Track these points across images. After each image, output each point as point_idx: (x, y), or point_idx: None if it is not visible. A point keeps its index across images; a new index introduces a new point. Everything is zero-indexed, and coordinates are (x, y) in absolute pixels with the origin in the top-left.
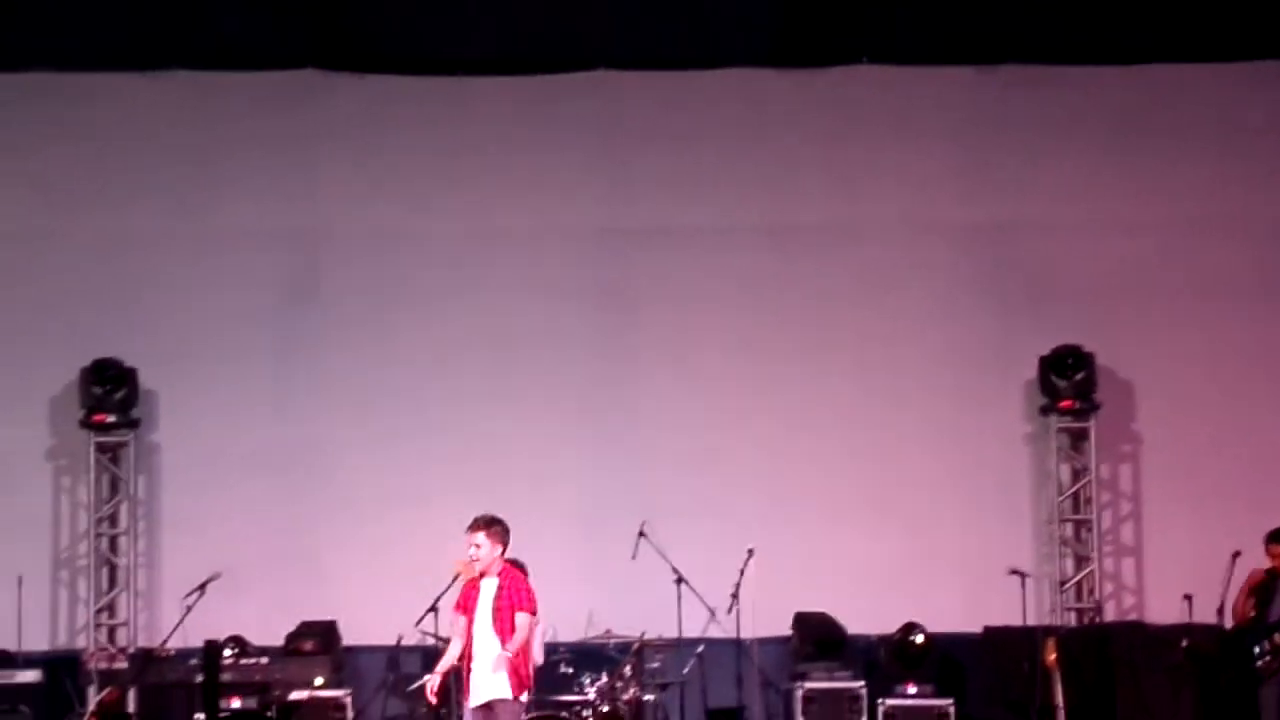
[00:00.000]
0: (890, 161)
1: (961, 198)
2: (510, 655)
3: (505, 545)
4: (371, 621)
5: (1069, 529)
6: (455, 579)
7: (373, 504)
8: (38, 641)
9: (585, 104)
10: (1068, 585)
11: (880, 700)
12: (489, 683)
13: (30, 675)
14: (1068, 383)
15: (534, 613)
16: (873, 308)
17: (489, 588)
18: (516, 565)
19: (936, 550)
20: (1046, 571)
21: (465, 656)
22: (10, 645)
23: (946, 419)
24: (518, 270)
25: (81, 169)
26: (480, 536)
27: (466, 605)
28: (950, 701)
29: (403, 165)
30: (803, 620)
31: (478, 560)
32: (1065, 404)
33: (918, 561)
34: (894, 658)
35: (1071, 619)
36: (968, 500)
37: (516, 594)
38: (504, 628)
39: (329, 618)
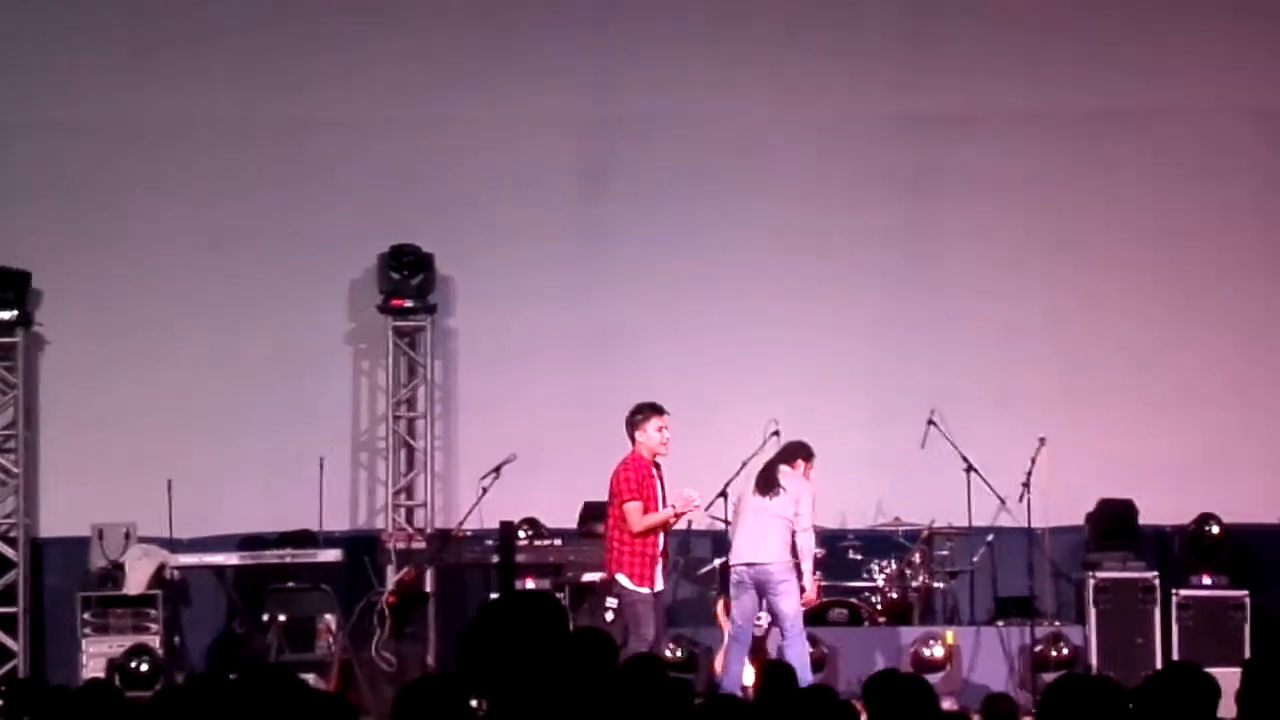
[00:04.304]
0: (1191, 45)
1: (1262, 81)
2: None
3: None
4: None
5: None
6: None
7: (667, 391)
8: (338, 522)
9: None
10: None
11: (1174, 591)
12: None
13: (331, 554)
14: None
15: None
16: (1173, 194)
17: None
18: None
19: (1234, 440)
20: None
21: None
22: (312, 525)
23: (1246, 304)
24: (815, 160)
25: (388, 58)
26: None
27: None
28: (1245, 593)
29: (700, 52)
30: (1096, 509)
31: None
32: None
33: (1214, 451)
34: (1189, 549)
35: None
36: (1267, 388)
37: None
38: None
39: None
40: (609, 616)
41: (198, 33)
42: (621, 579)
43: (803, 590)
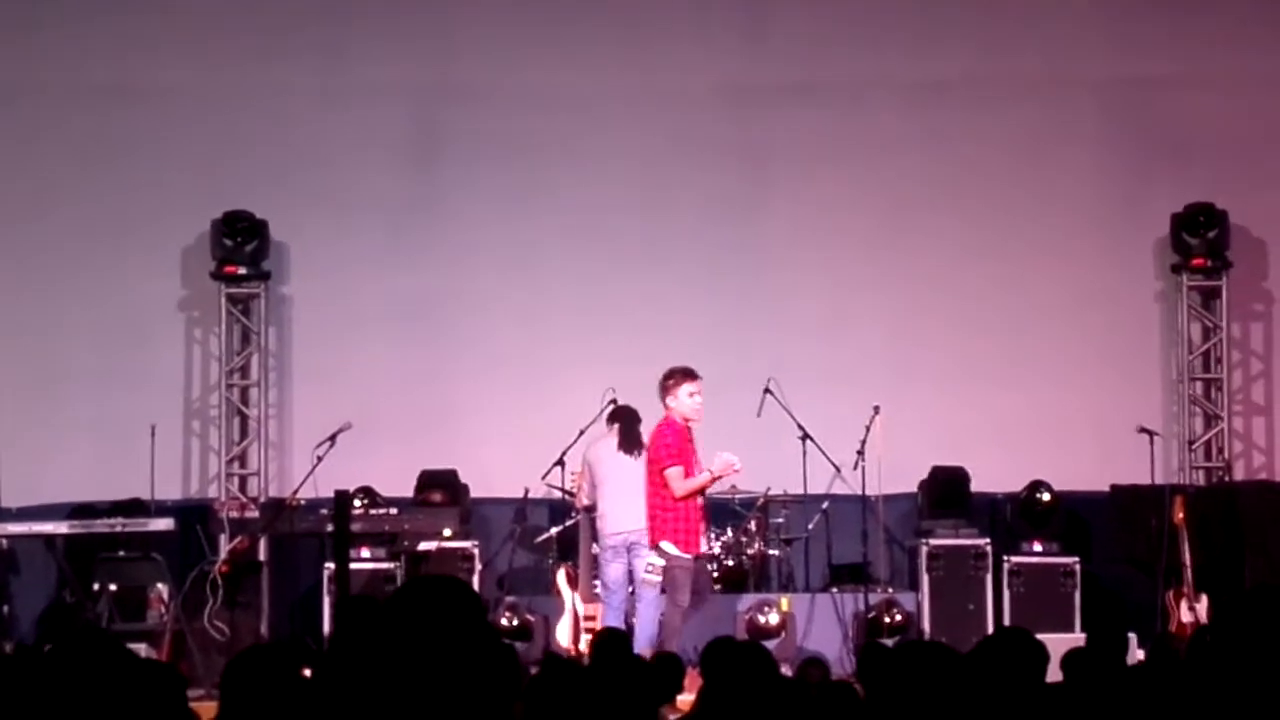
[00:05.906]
0: (1027, 17)
1: (1098, 53)
2: None
3: None
4: (498, 475)
5: (1198, 387)
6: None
7: (503, 359)
8: (170, 491)
9: None
10: (1196, 444)
11: (1005, 558)
12: None
13: (163, 524)
14: (1199, 240)
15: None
16: (1005, 166)
17: None
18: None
19: (1064, 408)
20: (1175, 430)
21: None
22: (143, 494)
23: (1076, 276)
24: (649, 129)
25: (214, 23)
26: None
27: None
28: (1076, 559)
29: (533, 21)
30: (929, 477)
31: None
32: (1197, 262)
33: (1045, 420)
34: (1020, 516)
35: (1200, 478)
36: (1097, 358)
37: None
38: None
39: (456, 469)
40: (650, 578)
41: None
42: (666, 545)
43: None
